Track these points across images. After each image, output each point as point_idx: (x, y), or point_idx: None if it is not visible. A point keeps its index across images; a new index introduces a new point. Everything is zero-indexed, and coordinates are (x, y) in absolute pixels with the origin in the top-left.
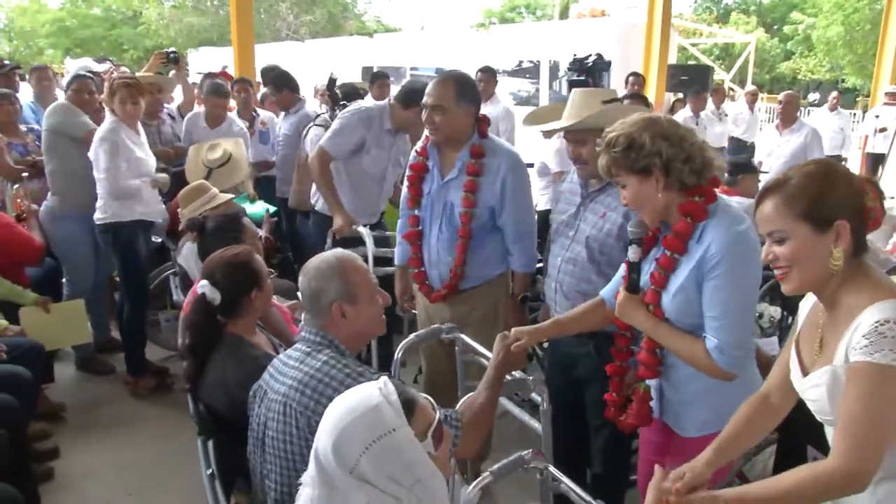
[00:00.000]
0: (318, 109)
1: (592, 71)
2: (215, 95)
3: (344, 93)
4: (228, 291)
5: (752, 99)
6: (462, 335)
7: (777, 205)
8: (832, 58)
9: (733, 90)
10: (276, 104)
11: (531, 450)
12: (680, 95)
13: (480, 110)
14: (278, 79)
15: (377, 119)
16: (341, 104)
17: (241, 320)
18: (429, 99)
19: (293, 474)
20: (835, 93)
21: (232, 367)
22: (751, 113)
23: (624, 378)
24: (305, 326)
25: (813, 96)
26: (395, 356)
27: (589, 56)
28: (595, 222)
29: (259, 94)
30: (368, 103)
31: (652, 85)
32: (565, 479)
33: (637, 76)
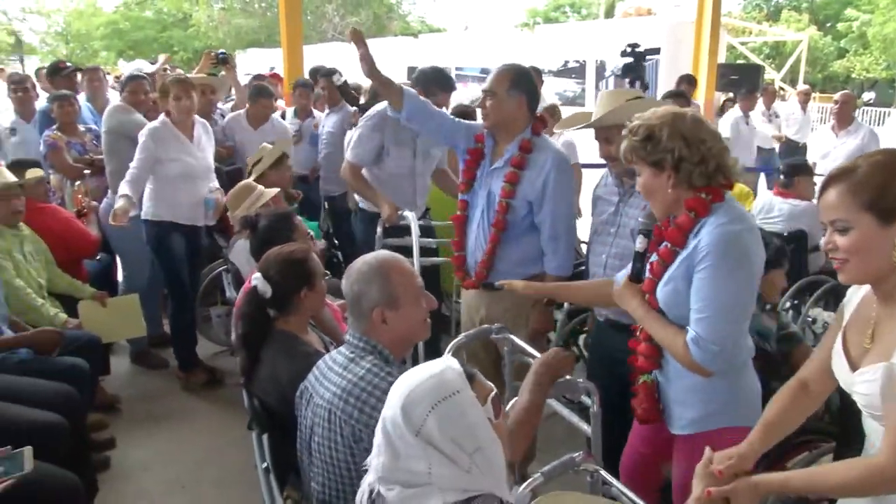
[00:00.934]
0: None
1: (640, 56)
2: (262, 97)
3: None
4: (280, 287)
5: (805, 99)
6: (511, 336)
7: (841, 193)
8: (889, 55)
9: (784, 90)
10: (325, 100)
11: (582, 452)
12: (730, 95)
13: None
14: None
15: (390, 119)
16: (360, 105)
17: (293, 318)
18: (485, 84)
19: (338, 480)
20: None
21: (284, 364)
22: (803, 113)
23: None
24: (349, 330)
25: (868, 95)
26: (444, 355)
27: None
28: (637, 215)
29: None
30: (380, 106)
31: (701, 84)
32: (616, 482)
33: (689, 79)
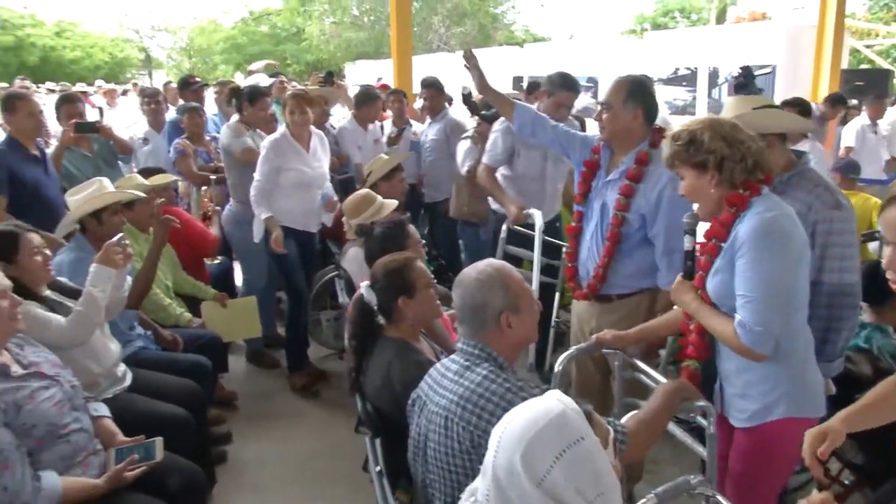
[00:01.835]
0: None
1: (752, 74)
2: (369, 100)
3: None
4: (381, 295)
5: None
6: (621, 351)
7: None
8: None
9: None
10: (428, 110)
11: (699, 475)
12: (854, 102)
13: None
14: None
15: None
16: (481, 114)
17: (401, 325)
18: (602, 97)
19: (457, 486)
20: None
21: (398, 370)
22: None
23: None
24: (462, 338)
25: None
26: (556, 368)
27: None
28: None
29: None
30: None
31: (823, 92)
32: None
33: (800, 106)
